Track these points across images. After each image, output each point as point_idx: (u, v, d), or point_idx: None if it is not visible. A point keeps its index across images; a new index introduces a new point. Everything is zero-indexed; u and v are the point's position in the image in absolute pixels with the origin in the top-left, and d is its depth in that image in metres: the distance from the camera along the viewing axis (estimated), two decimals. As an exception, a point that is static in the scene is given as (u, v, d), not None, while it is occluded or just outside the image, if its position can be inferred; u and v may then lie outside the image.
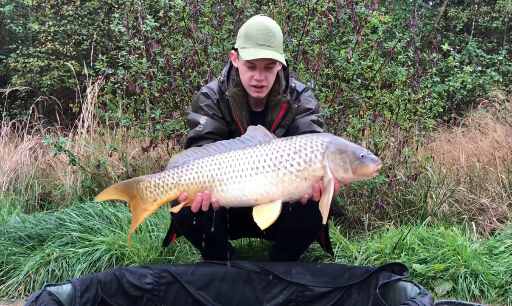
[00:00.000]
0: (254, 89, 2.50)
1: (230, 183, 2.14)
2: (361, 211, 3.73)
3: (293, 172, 2.10)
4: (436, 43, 4.46)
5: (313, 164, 2.09)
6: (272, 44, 2.42)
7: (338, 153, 2.10)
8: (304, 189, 2.12)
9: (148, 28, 4.03)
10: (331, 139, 2.14)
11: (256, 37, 2.40)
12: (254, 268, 2.45)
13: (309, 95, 2.68)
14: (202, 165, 2.17)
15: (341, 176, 2.10)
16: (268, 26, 2.43)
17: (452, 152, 5.27)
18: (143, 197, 2.21)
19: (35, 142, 5.17)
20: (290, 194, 2.13)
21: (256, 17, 2.54)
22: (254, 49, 2.40)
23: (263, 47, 2.40)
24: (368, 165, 2.11)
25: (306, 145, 2.12)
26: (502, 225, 3.53)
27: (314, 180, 2.11)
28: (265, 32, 2.41)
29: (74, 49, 10.50)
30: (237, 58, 2.53)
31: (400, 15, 10.66)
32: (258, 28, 2.42)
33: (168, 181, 2.19)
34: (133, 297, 2.34)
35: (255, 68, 2.45)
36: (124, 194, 2.23)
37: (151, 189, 2.20)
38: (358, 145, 2.19)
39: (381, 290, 2.17)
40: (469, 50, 10.41)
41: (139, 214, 2.24)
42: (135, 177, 2.34)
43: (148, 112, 4.45)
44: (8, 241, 3.33)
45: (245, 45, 2.43)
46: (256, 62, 2.43)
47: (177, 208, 2.22)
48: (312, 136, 2.19)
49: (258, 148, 2.16)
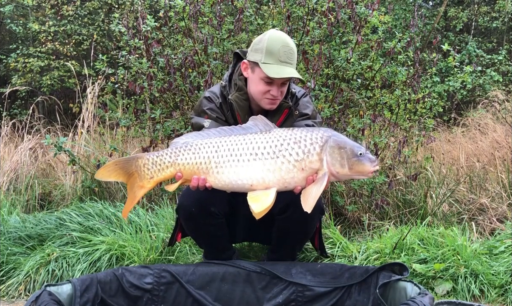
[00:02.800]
0: (268, 101, 2.53)
1: (226, 166, 2.17)
2: (361, 211, 3.73)
3: (291, 161, 2.13)
4: (436, 43, 4.46)
5: (310, 156, 2.13)
6: (292, 62, 2.47)
7: (337, 147, 2.13)
8: (300, 179, 2.15)
9: (148, 28, 4.03)
10: (332, 134, 2.17)
11: (279, 54, 2.43)
12: (254, 268, 2.45)
13: (307, 101, 2.71)
14: (200, 146, 2.22)
15: (336, 170, 2.13)
16: (289, 44, 2.47)
17: (452, 152, 5.27)
18: (140, 173, 2.27)
19: (35, 142, 5.17)
20: (286, 183, 2.15)
21: (275, 31, 2.53)
22: (277, 66, 2.43)
23: (285, 64, 2.44)
24: (365, 163, 2.14)
25: (306, 137, 2.15)
26: (502, 225, 3.53)
27: (310, 172, 2.14)
28: (288, 49, 2.45)
29: (74, 49, 10.50)
30: (251, 70, 2.54)
31: (400, 15, 10.66)
32: (280, 45, 2.44)
33: (165, 159, 2.24)
34: (133, 297, 2.34)
35: (273, 84, 2.48)
36: (122, 170, 2.28)
37: (149, 166, 2.26)
38: (358, 144, 2.21)
39: (381, 290, 2.17)
40: (469, 50, 10.40)
41: (136, 192, 2.29)
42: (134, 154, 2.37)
43: (148, 112, 4.45)
44: (8, 241, 3.33)
45: (267, 61, 2.44)
46: (275, 79, 2.46)
47: (172, 187, 2.27)
48: (313, 129, 2.23)
49: (258, 135, 2.20)
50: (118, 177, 2.30)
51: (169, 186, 2.29)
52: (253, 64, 2.51)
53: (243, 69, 2.59)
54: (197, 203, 2.46)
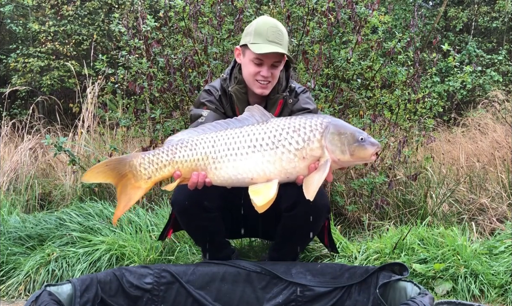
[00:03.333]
0: (259, 84, 2.52)
1: (224, 161, 2.13)
2: (361, 211, 3.73)
3: (291, 151, 2.09)
4: (436, 43, 4.46)
5: (311, 143, 2.09)
6: (281, 42, 2.48)
7: (337, 133, 2.09)
8: (301, 168, 2.11)
9: (148, 28, 4.03)
10: (331, 120, 2.13)
11: (267, 34, 2.45)
12: (254, 268, 2.45)
13: (308, 97, 2.70)
14: (197, 142, 2.17)
15: (338, 157, 2.09)
16: (277, 25, 2.50)
17: (452, 152, 5.27)
18: (136, 174, 2.17)
19: (35, 142, 5.17)
20: (288, 174, 2.12)
21: (264, 16, 2.59)
22: (264, 44, 2.44)
23: (273, 43, 2.45)
24: (367, 147, 2.09)
25: (306, 125, 2.11)
26: (502, 225, 3.53)
27: (312, 160, 2.10)
28: (275, 30, 2.47)
29: (74, 49, 10.50)
30: (242, 54, 2.57)
31: (400, 15, 10.66)
32: (268, 25, 2.48)
33: (163, 158, 2.17)
34: (133, 297, 2.34)
35: (263, 64, 2.49)
36: (114, 172, 2.17)
37: (145, 165, 2.17)
38: (358, 129, 2.17)
39: (381, 290, 2.17)
40: (469, 50, 10.40)
41: (131, 194, 2.18)
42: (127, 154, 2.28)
43: (148, 112, 4.45)
44: (8, 241, 3.33)
45: (256, 41, 2.46)
46: (264, 59, 2.47)
47: (171, 186, 2.22)
48: (312, 116, 2.18)
49: (255, 126, 2.15)
50: (107, 178, 2.17)
51: (168, 186, 2.22)
52: (243, 48, 2.54)
53: (236, 56, 2.61)
54: (190, 197, 2.41)
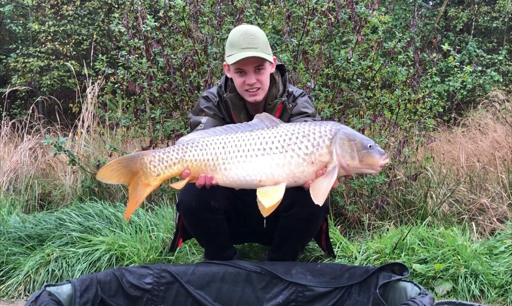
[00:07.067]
0: (249, 93, 2.54)
1: (234, 162, 2.16)
2: (361, 211, 3.73)
3: (300, 155, 2.13)
4: (436, 43, 4.45)
5: (320, 149, 2.13)
6: (256, 46, 2.46)
7: (347, 140, 2.14)
8: (309, 173, 2.15)
9: (148, 28, 4.03)
10: (340, 127, 2.18)
11: (239, 42, 2.46)
12: (254, 268, 2.45)
13: (306, 101, 2.71)
14: (207, 142, 2.21)
15: (347, 162, 2.13)
16: (248, 30, 2.49)
17: (452, 152, 5.26)
18: (146, 171, 2.22)
19: (35, 142, 5.17)
20: (295, 178, 2.15)
21: (238, 26, 2.61)
22: (239, 53, 2.45)
23: (247, 50, 2.45)
24: (375, 155, 2.14)
25: (315, 130, 2.15)
26: (502, 225, 3.53)
27: (320, 165, 2.14)
28: (247, 36, 2.47)
29: (74, 49, 10.51)
30: (229, 69, 2.58)
31: (400, 15, 10.66)
32: (240, 33, 2.48)
33: (173, 156, 2.22)
34: (133, 297, 2.34)
35: (245, 73, 2.50)
36: (126, 169, 2.22)
37: (155, 163, 2.22)
38: (366, 137, 2.22)
39: (381, 290, 2.17)
40: (469, 50, 10.41)
41: (141, 191, 2.23)
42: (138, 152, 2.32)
43: (148, 112, 4.44)
44: (8, 241, 3.33)
45: (230, 53, 2.48)
46: (244, 67, 2.48)
47: (179, 184, 2.24)
48: (321, 122, 2.23)
49: (265, 130, 2.20)
50: (121, 177, 2.23)
51: (176, 184, 2.25)
52: (228, 65, 2.56)
53: (226, 71, 2.64)
54: (197, 197, 2.44)
